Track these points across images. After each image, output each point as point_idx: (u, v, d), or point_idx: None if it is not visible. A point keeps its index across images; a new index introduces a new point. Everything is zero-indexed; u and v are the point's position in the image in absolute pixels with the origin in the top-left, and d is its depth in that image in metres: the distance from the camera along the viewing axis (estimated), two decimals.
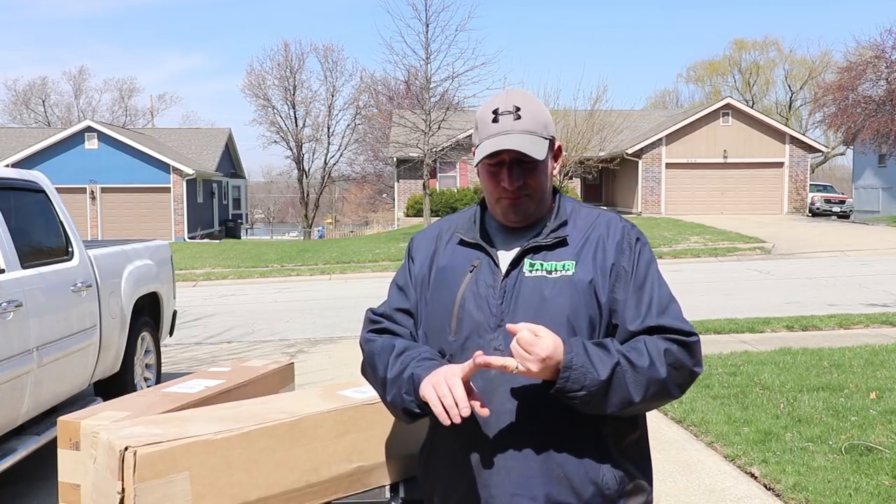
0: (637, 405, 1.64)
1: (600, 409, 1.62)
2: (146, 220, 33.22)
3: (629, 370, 1.62)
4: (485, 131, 1.76)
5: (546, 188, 1.80)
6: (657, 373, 1.64)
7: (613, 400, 1.62)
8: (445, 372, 1.62)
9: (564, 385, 1.58)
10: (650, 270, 1.76)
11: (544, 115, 1.79)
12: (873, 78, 27.35)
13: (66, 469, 2.08)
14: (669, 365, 1.65)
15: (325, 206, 58.50)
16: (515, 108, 1.75)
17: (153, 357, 6.49)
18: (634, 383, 1.62)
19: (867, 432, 5.09)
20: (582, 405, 1.61)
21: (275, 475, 1.90)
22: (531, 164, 1.75)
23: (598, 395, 1.60)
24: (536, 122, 1.76)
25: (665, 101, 63.30)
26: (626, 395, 1.62)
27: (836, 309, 10.53)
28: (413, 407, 1.69)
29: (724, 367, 7.05)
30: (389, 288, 1.95)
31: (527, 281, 1.73)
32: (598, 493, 1.68)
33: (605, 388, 1.60)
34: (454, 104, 26.17)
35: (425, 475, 1.89)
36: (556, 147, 1.84)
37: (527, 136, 1.73)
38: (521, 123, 1.74)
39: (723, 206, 31.25)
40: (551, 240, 1.76)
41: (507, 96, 1.78)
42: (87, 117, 44.83)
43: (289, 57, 48.93)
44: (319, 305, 13.00)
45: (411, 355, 1.74)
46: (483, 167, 1.79)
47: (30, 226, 4.98)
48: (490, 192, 1.80)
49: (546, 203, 1.82)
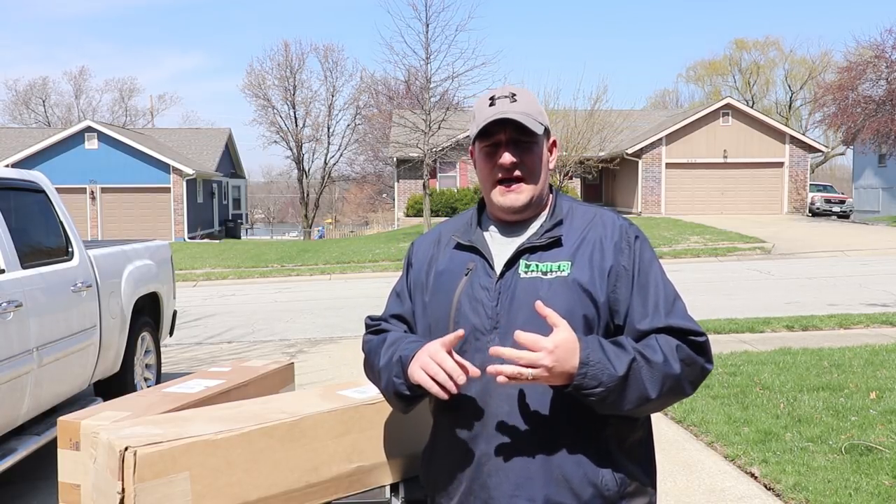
0: (653, 402, 1.63)
1: (618, 406, 1.61)
2: (146, 221, 33.23)
3: (645, 366, 1.61)
4: (481, 116, 1.78)
5: (542, 177, 1.80)
6: (672, 368, 1.63)
7: (631, 397, 1.60)
8: (429, 350, 1.64)
9: (582, 382, 1.56)
10: (653, 268, 1.75)
11: (539, 106, 1.82)
12: (873, 78, 27.36)
13: (66, 469, 2.08)
14: (682, 361, 1.65)
15: (325, 206, 58.51)
16: (511, 94, 1.79)
17: (153, 357, 6.49)
18: (651, 379, 1.61)
19: (867, 432, 5.09)
20: (599, 403, 1.60)
21: (275, 475, 1.90)
22: (527, 144, 1.76)
23: (615, 392, 1.58)
24: (532, 108, 1.79)
25: (665, 101, 63.32)
26: (644, 391, 1.61)
27: (836, 309, 10.53)
28: (403, 389, 1.72)
29: (724, 367, 7.05)
30: (389, 295, 1.99)
31: (522, 282, 1.72)
32: (598, 494, 1.67)
33: (622, 384, 1.58)
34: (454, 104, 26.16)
35: (426, 474, 1.89)
36: (551, 140, 1.85)
37: (523, 115, 1.75)
38: (516, 105, 1.77)
39: (723, 206, 31.25)
40: (546, 240, 1.75)
41: (505, 87, 1.82)
42: (88, 117, 44.83)
43: (289, 57, 48.99)
44: (319, 305, 12.99)
45: (399, 341, 1.77)
46: (479, 151, 1.80)
47: (30, 226, 4.98)
48: (486, 176, 1.80)
49: (542, 197, 1.82)
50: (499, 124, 1.75)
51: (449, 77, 24.13)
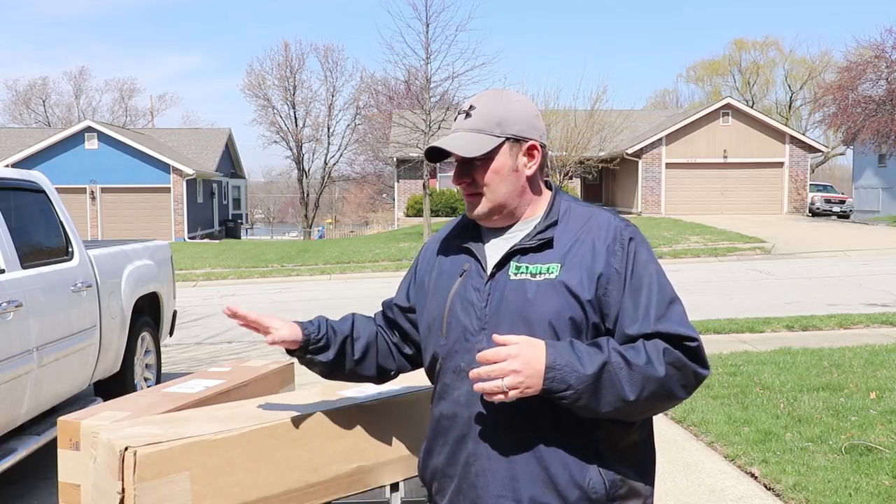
0: (634, 404, 1.61)
1: (594, 408, 1.60)
2: (146, 221, 33.22)
3: (623, 367, 1.59)
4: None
5: (504, 188, 1.77)
6: (654, 371, 1.61)
7: (607, 399, 1.59)
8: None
9: (550, 385, 1.57)
10: (647, 271, 1.72)
11: (501, 113, 1.77)
12: (873, 78, 27.35)
13: (66, 469, 2.08)
14: (669, 364, 1.63)
15: (325, 206, 58.50)
16: (470, 106, 1.80)
17: (153, 357, 6.49)
18: (629, 381, 1.59)
19: (867, 432, 5.08)
20: (574, 405, 1.60)
21: (275, 475, 1.90)
22: (479, 161, 1.77)
23: (586, 394, 1.58)
24: (487, 121, 1.77)
25: (665, 101, 63.30)
26: (620, 392, 1.59)
27: (836, 309, 10.53)
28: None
29: (724, 367, 7.05)
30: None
31: (511, 284, 1.72)
32: (584, 496, 1.66)
33: (593, 385, 1.57)
34: (454, 104, 26.17)
35: (422, 473, 1.91)
36: (527, 145, 1.79)
37: (466, 135, 1.77)
38: (468, 122, 1.78)
39: (723, 206, 31.24)
40: (536, 241, 1.74)
41: (477, 97, 1.83)
42: (88, 117, 44.82)
43: (289, 57, 48.98)
44: (320, 305, 12.99)
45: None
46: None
47: (30, 226, 4.98)
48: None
49: (512, 204, 1.80)
50: (431, 153, 1.82)
51: (449, 77, 24.15)
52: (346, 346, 1.93)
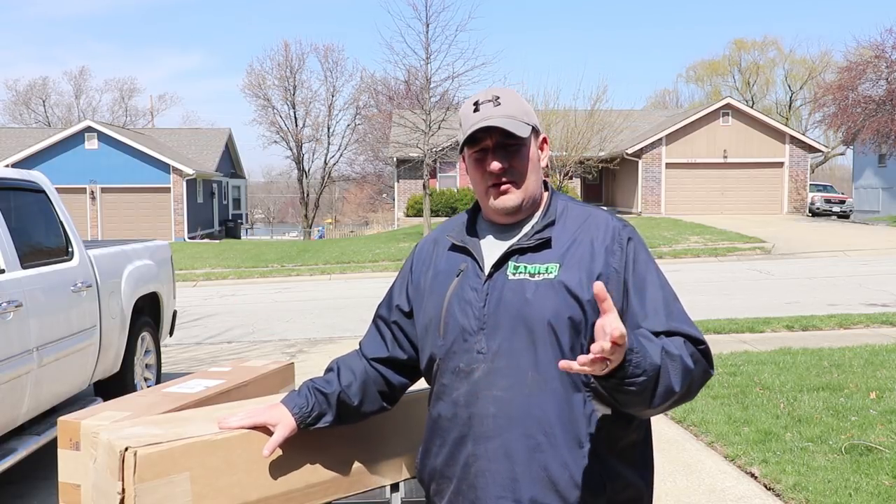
0: (675, 398, 1.58)
1: (648, 399, 1.54)
2: (146, 221, 33.22)
3: (668, 359, 1.57)
4: (467, 123, 1.78)
5: (533, 178, 1.78)
6: (688, 364, 1.60)
7: (660, 389, 1.55)
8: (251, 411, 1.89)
9: (628, 369, 1.47)
10: (648, 269, 1.72)
11: (525, 105, 1.81)
12: (873, 78, 27.35)
13: (66, 469, 2.08)
14: (695, 361, 1.62)
15: (325, 206, 58.48)
16: (495, 97, 1.78)
17: (153, 357, 6.49)
18: (675, 372, 1.57)
19: (867, 432, 5.09)
20: (636, 395, 1.52)
21: (275, 475, 1.90)
22: (515, 147, 1.75)
23: (651, 382, 1.52)
24: (517, 109, 1.77)
25: (665, 101, 63.30)
26: (669, 383, 1.56)
27: (836, 309, 10.53)
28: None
29: (724, 367, 7.05)
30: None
31: (510, 284, 1.71)
32: (585, 496, 1.66)
33: (657, 374, 1.53)
34: (454, 104, 26.17)
35: (421, 474, 1.91)
36: (541, 138, 1.83)
37: (508, 119, 1.74)
38: (501, 109, 1.76)
39: (723, 206, 31.24)
40: (535, 241, 1.74)
41: (488, 90, 1.81)
42: (88, 117, 44.81)
43: (289, 57, 48.96)
44: (319, 305, 12.99)
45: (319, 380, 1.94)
46: (469, 159, 1.80)
47: (30, 226, 4.98)
48: (478, 183, 1.80)
49: (535, 197, 1.80)
50: (484, 131, 1.74)
51: (449, 77, 24.18)
52: (343, 399, 1.88)
